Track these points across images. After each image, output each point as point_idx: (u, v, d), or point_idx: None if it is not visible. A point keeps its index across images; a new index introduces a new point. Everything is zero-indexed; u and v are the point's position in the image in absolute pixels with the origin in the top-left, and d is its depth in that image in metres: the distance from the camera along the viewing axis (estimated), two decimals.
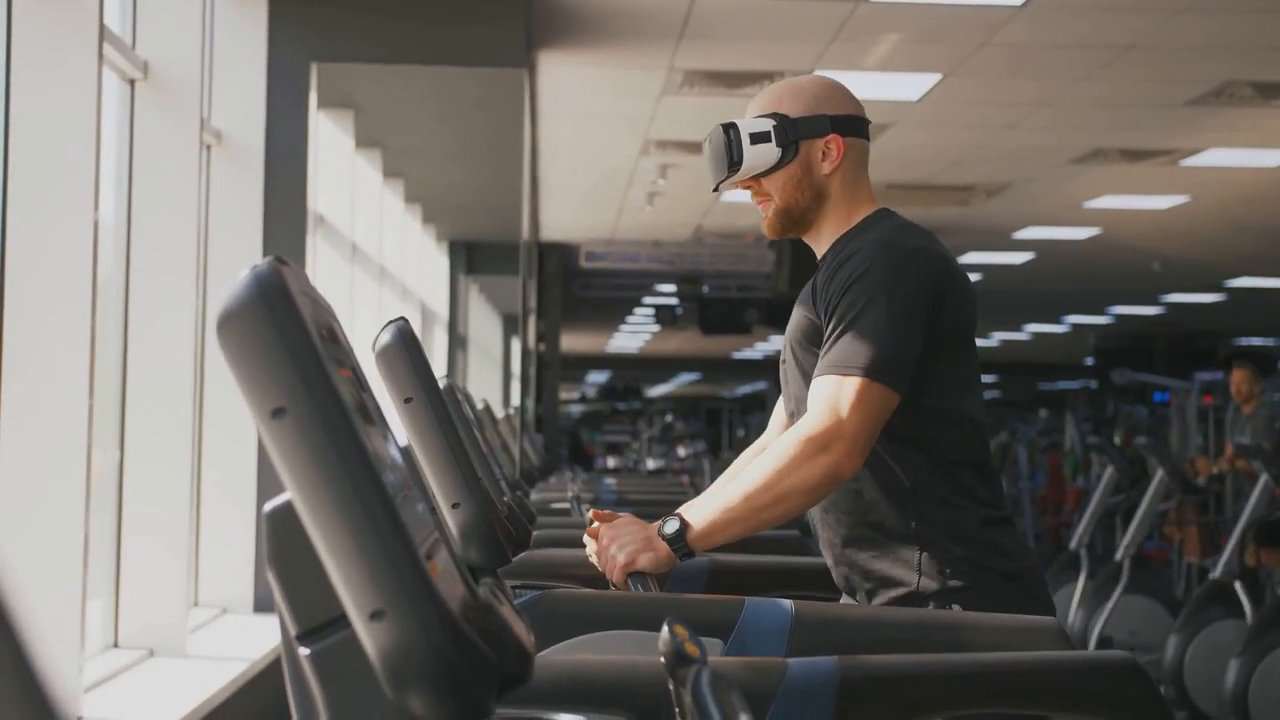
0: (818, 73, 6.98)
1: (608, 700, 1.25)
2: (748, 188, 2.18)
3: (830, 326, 2.04)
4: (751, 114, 2.17)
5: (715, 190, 2.22)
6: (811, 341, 2.10)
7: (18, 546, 2.96)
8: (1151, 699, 1.42)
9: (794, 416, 2.17)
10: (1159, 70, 6.77)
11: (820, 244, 2.18)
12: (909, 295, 2.03)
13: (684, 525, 2.00)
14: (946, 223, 11.43)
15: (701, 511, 2.02)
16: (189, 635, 3.96)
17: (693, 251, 13.04)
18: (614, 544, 2.02)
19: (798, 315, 2.15)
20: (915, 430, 2.04)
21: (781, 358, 2.22)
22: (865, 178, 2.19)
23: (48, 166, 3.08)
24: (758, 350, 24.21)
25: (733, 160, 2.13)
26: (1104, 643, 6.51)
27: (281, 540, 0.99)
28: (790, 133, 2.12)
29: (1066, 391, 25.31)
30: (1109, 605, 6.52)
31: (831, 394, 1.99)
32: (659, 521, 2.06)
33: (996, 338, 23.28)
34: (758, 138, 2.12)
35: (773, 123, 2.13)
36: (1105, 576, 6.86)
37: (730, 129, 2.14)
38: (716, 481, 2.39)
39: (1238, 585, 5.95)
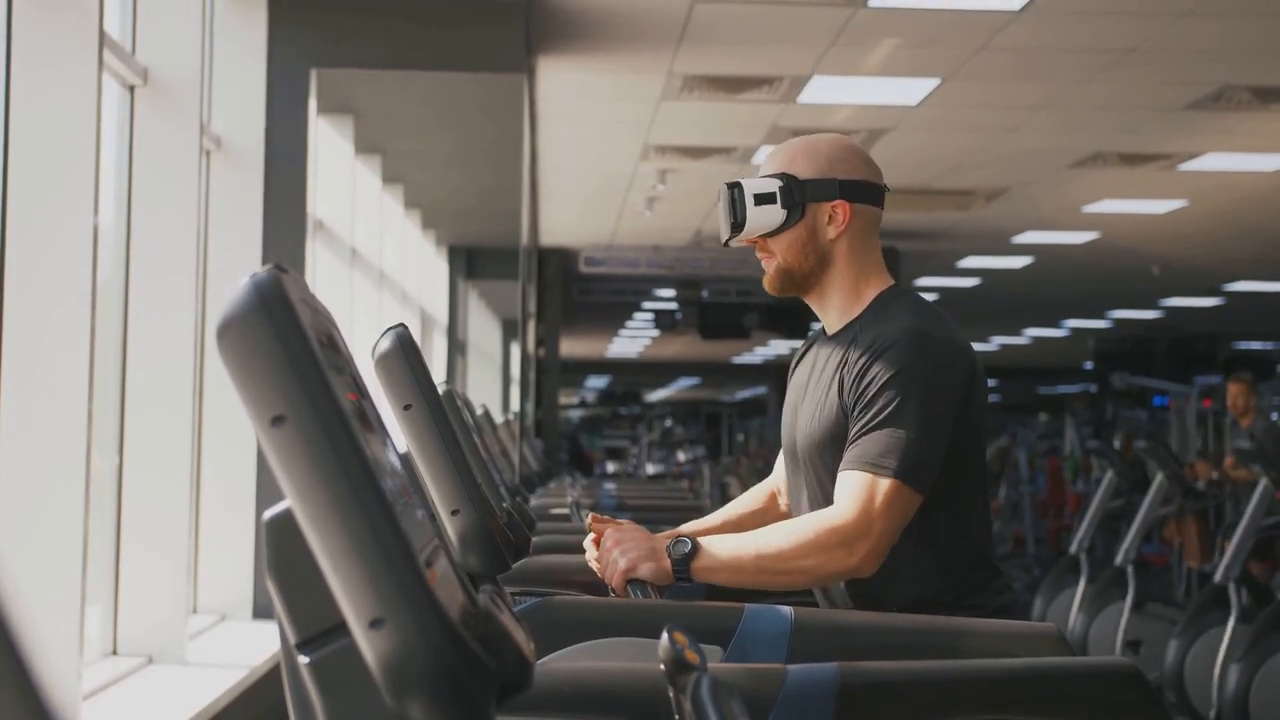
0: (816, 78, 6.99)
1: (608, 707, 1.25)
2: (754, 244, 2.16)
3: (865, 420, 2.01)
4: (765, 171, 2.14)
5: (725, 245, 2.19)
6: (836, 436, 2.07)
7: (17, 552, 2.96)
8: (1151, 704, 1.41)
9: (797, 490, 2.15)
10: (1157, 74, 6.78)
11: (827, 313, 2.16)
12: (944, 396, 2.01)
13: (694, 552, 2.00)
14: (946, 227, 11.44)
15: (713, 548, 2.01)
16: (188, 642, 3.96)
17: (692, 256, 13.04)
18: (617, 548, 2.02)
19: (820, 398, 2.10)
20: (933, 525, 2.04)
21: (793, 428, 2.17)
22: (875, 246, 2.16)
23: (48, 172, 3.08)
24: (757, 355, 24.20)
25: (736, 220, 2.11)
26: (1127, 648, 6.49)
27: (281, 548, 1.00)
28: (796, 194, 2.10)
29: (1066, 395, 25.30)
30: (1124, 614, 6.50)
31: (865, 492, 1.98)
32: (668, 534, 2.06)
33: (996, 342, 23.28)
34: (762, 199, 2.10)
35: (779, 183, 2.10)
36: (1105, 581, 6.85)
37: (735, 188, 2.11)
38: (721, 511, 2.39)
39: (1231, 587, 5.95)
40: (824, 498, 2.09)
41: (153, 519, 3.92)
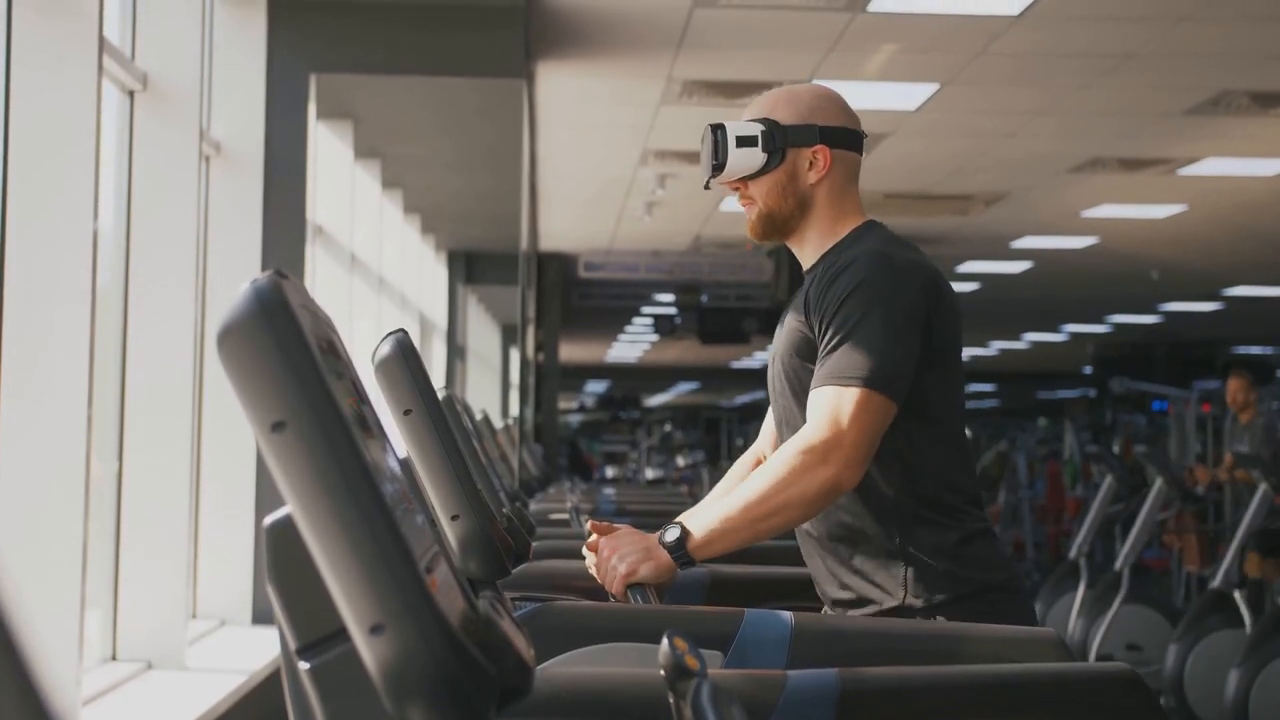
0: (816, 82, 6.98)
1: (607, 713, 1.25)
2: (735, 189, 2.19)
3: (827, 338, 2.04)
4: (747, 117, 2.18)
5: (706, 188, 2.23)
6: (803, 355, 2.10)
7: (17, 557, 2.96)
8: (1151, 710, 1.41)
9: (783, 429, 2.17)
10: (1156, 79, 6.78)
11: (804, 252, 2.18)
12: (905, 307, 2.02)
13: (684, 534, 2.00)
14: (945, 232, 11.44)
15: (701, 521, 2.02)
16: (187, 647, 3.95)
17: (691, 261, 13.04)
18: (614, 555, 2.02)
19: (789, 327, 2.15)
20: (902, 445, 2.04)
21: (770, 372, 2.21)
22: (854, 190, 2.19)
23: (48, 177, 3.08)
24: (756, 360, 24.21)
25: (717, 160, 2.14)
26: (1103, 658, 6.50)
27: (281, 554, 1.00)
28: (778, 139, 2.12)
29: (1065, 400, 25.31)
30: (1109, 615, 6.51)
31: (831, 405, 1.98)
32: (659, 531, 2.06)
33: (995, 346, 23.28)
34: (744, 141, 2.13)
35: (761, 128, 2.13)
36: (1105, 586, 6.85)
37: (718, 130, 2.14)
38: (711, 492, 2.39)
39: (1237, 594, 5.95)
40: (796, 410, 2.10)
41: (152, 524, 3.92)
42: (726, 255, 12.82)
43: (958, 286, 14.99)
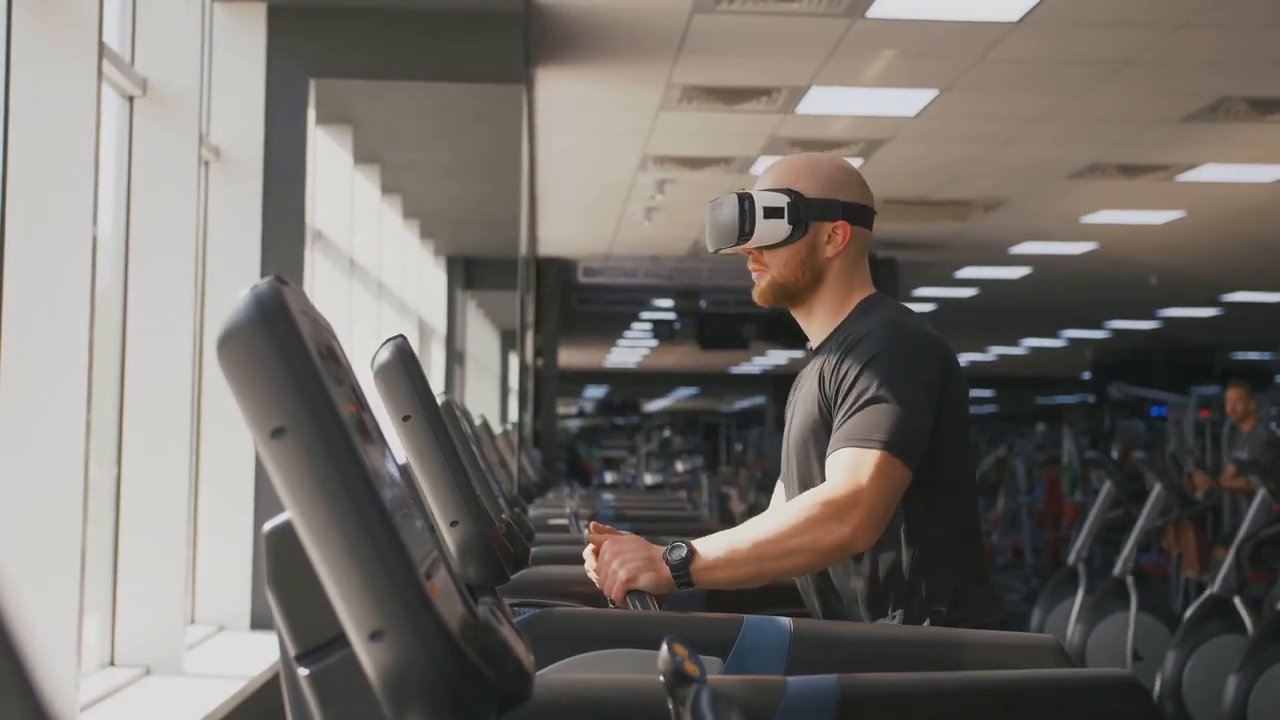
0: (815, 89, 7.01)
1: (607, 719, 1.25)
2: (748, 253, 2.20)
3: (847, 404, 2.04)
4: (765, 184, 2.18)
5: (715, 252, 2.22)
6: (826, 427, 2.09)
7: (16, 562, 2.96)
8: (1150, 715, 1.41)
9: (794, 491, 2.16)
10: (1156, 86, 6.79)
11: (811, 324, 2.20)
12: (921, 378, 2.05)
13: (690, 554, 2.01)
14: (944, 238, 11.45)
15: (710, 546, 2.02)
16: (186, 653, 3.95)
17: (690, 266, 13.05)
18: (615, 560, 2.02)
19: (806, 403, 2.14)
20: (909, 519, 2.05)
21: (785, 447, 2.20)
22: (865, 265, 2.21)
23: (47, 182, 3.08)
24: (755, 365, 24.22)
25: (744, 230, 2.15)
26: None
27: (281, 560, 1.00)
28: (803, 211, 2.14)
29: (1064, 406, 25.33)
30: (1130, 624, 6.48)
31: (851, 465, 1.99)
32: (666, 546, 2.06)
33: (994, 352, 23.29)
34: (771, 212, 2.14)
35: (787, 199, 2.14)
36: (1104, 592, 6.85)
37: (746, 200, 2.15)
38: None
39: (1237, 600, 5.95)
40: (817, 475, 2.10)
41: (151, 529, 3.92)
42: (725, 260, 12.81)
43: (956, 292, 15.07)
